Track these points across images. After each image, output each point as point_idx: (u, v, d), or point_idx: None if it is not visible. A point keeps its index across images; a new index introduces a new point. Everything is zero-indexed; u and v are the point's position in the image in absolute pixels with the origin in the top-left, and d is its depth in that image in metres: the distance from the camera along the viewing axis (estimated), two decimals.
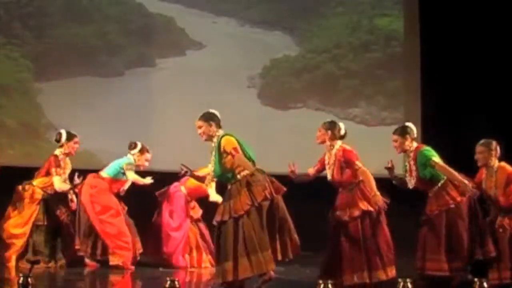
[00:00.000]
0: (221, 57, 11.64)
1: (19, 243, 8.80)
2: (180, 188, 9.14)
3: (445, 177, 7.63)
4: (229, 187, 7.04)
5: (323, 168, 7.65)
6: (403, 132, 7.71)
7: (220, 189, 8.46)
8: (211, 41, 11.76)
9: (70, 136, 8.95)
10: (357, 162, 7.40)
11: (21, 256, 8.83)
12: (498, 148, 7.82)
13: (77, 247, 8.92)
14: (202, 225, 9.29)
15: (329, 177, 7.61)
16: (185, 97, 11.29)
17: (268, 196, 6.87)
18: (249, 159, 6.95)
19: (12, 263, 8.72)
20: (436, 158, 7.54)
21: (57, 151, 8.93)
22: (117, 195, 9.07)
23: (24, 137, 10.99)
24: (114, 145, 10.97)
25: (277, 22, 11.89)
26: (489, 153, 7.77)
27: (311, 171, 7.72)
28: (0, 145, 10.90)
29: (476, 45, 11.13)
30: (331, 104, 11.74)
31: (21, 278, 5.76)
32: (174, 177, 8.64)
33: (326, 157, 7.62)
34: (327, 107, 11.72)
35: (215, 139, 7.03)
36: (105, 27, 11.56)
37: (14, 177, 9.02)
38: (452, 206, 7.60)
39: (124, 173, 8.98)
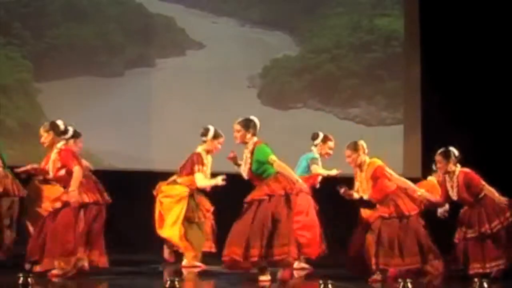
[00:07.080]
0: (221, 57, 11.63)
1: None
2: None
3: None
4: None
5: None
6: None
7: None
8: (211, 41, 11.75)
9: (216, 134, 8.83)
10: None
11: None
12: (365, 147, 8.29)
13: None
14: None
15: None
16: (185, 97, 11.28)
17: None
18: None
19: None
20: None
21: (200, 148, 8.83)
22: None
23: (24, 137, 10.98)
24: (114, 145, 11.00)
25: (277, 22, 11.87)
26: (357, 154, 8.21)
27: None
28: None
29: (477, 45, 11.13)
30: (331, 104, 11.73)
31: (21, 278, 5.70)
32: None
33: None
34: (327, 107, 11.71)
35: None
36: (105, 27, 11.57)
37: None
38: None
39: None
